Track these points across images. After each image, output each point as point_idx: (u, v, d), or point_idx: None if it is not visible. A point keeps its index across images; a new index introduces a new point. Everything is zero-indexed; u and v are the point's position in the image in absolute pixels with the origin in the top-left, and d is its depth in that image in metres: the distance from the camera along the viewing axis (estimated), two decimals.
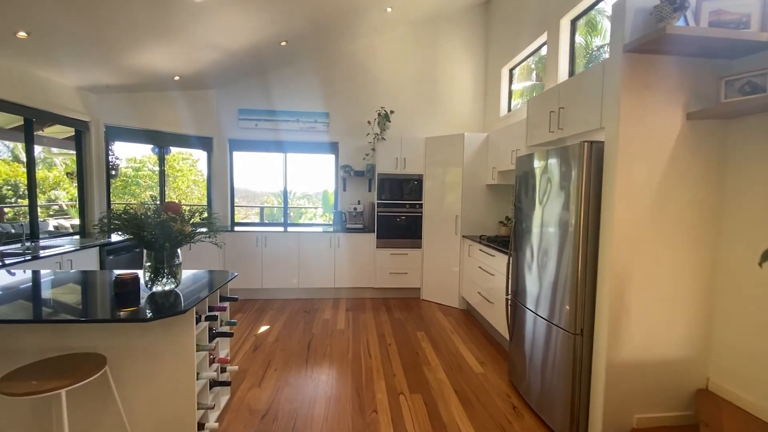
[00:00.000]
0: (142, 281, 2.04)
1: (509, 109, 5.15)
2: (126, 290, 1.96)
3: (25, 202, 4.06)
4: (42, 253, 3.05)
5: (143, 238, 1.84)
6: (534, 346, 2.56)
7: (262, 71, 5.32)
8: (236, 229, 5.22)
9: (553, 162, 2.38)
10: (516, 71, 5.10)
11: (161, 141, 4.98)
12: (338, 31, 4.95)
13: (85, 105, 4.23)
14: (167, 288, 2.00)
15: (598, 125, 2.17)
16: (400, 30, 5.49)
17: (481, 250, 4.08)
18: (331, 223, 5.68)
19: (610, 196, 2.05)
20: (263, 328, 4.06)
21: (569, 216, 2.20)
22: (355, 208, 5.34)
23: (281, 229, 5.33)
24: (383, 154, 5.07)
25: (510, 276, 2.98)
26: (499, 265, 3.56)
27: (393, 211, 5.11)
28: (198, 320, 1.96)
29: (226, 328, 2.48)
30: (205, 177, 5.59)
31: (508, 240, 3.98)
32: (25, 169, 3.77)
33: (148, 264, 1.92)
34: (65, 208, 8.82)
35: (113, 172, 4.83)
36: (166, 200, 5.17)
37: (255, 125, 5.44)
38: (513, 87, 5.18)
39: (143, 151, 9.99)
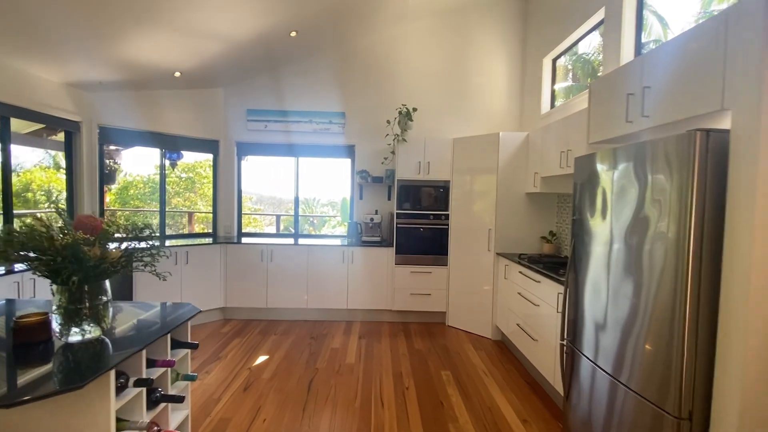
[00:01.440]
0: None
1: (552, 105, 4.41)
2: (31, 340, 1.40)
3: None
4: None
5: (48, 266, 1.29)
6: (606, 420, 1.83)
7: (273, 67, 4.84)
8: (243, 240, 4.71)
9: (637, 161, 1.68)
10: (559, 62, 4.37)
11: (162, 144, 4.56)
12: (355, 21, 4.41)
13: (76, 104, 3.85)
14: (90, 336, 1.43)
15: (719, 107, 1.45)
16: (424, 20, 4.88)
17: (522, 273, 3.35)
18: (346, 235, 5.08)
19: (743, 209, 1.33)
20: (261, 359, 3.48)
21: (669, 237, 1.49)
22: (371, 219, 4.73)
23: (291, 241, 4.78)
24: (404, 157, 4.44)
25: (566, 314, 2.25)
26: (547, 294, 2.83)
27: (414, 222, 4.46)
28: (123, 387, 1.38)
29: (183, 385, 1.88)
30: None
31: (554, 260, 3.26)
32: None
33: (56, 306, 1.35)
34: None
35: (112, 181, 4.44)
36: (166, 210, 4.75)
37: (264, 126, 4.96)
38: (555, 83, 4.45)
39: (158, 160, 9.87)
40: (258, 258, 4.47)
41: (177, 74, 4.15)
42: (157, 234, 3.88)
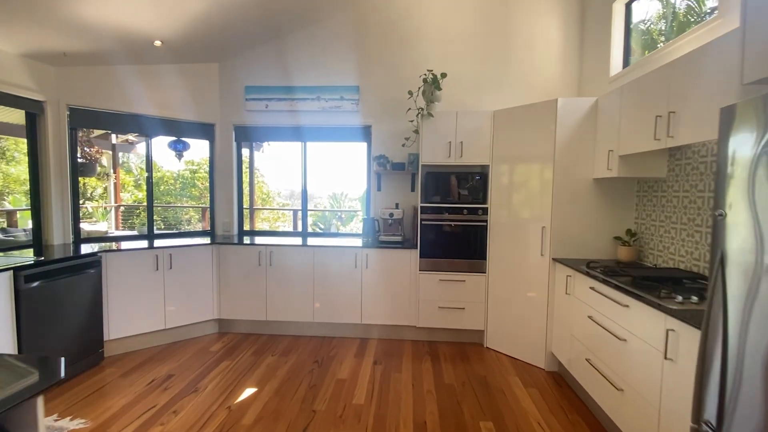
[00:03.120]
0: None
1: (626, 63, 3.36)
2: None
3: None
4: None
5: None
6: None
7: (274, 35, 4.07)
8: (245, 240, 4.01)
9: None
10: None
11: (145, 128, 3.92)
12: None
13: (38, 80, 3.25)
14: None
15: None
16: None
17: (595, 290, 2.39)
18: (362, 234, 4.25)
19: None
20: (247, 393, 2.74)
21: None
22: (390, 214, 3.88)
23: (298, 241, 4.02)
24: (430, 137, 3.54)
25: (706, 376, 1.31)
26: (643, 328, 1.88)
27: (444, 218, 3.57)
28: None
29: None
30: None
31: (645, 273, 2.10)
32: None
33: None
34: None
35: (91, 172, 3.86)
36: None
37: (265, 106, 4.21)
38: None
39: (203, 153, 9.58)
40: (255, 261, 3.75)
41: (157, 43, 3.47)
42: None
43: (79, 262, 2.96)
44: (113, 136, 6.52)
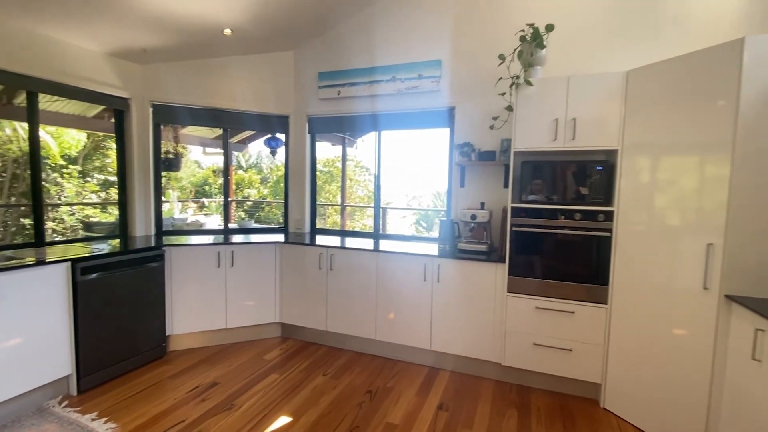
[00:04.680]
0: None
1: None
2: None
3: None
4: None
5: None
6: None
7: (349, 13, 3.62)
8: (317, 238, 3.70)
9: None
10: None
11: (223, 122, 3.88)
12: None
13: (123, 77, 3.39)
14: None
15: None
16: None
17: None
18: (438, 239, 3.51)
19: None
20: (279, 423, 2.32)
21: None
22: (472, 217, 3.07)
23: (368, 244, 3.51)
24: (527, 113, 2.63)
25: None
26: None
27: (544, 223, 2.63)
28: None
29: None
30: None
31: None
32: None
33: None
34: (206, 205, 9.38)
35: (175, 167, 3.99)
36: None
37: (338, 93, 3.81)
38: None
39: (334, 150, 10.16)
40: (316, 264, 3.36)
41: (227, 32, 3.32)
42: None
43: (141, 256, 2.94)
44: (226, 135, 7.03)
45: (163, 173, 3.79)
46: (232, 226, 6.23)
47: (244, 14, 3.12)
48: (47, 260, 2.40)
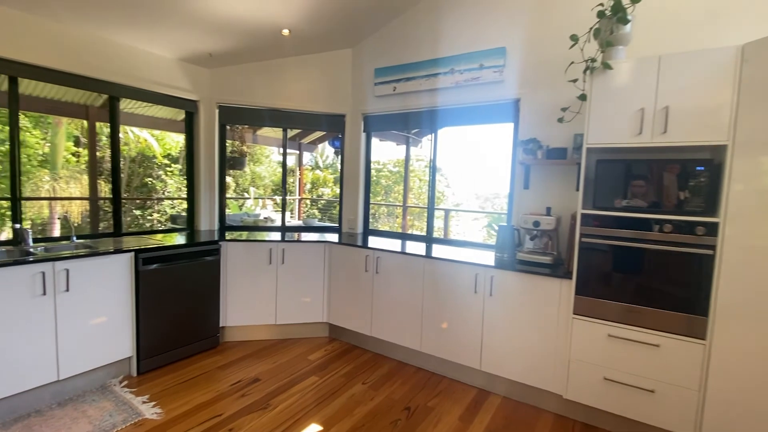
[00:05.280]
0: None
1: None
2: None
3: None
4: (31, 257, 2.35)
5: None
6: None
7: (408, 4, 3.44)
8: (371, 239, 3.62)
9: None
10: None
11: (283, 122, 3.95)
12: None
13: (192, 81, 3.62)
14: None
15: None
16: None
17: None
18: (495, 246, 3.14)
19: None
20: (310, 430, 2.24)
21: None
22: (535, 223, 2.69)
23: (422, 248, 3.31)
24: (605, 102, 2.20)
25: None
26: None
27: (622, 234, 2.18)
28: None
29: None
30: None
31: None
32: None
33: None
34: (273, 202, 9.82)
35: (240, 166, 4.18)
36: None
37: (393, 89, 3.65)
38: None
39: (390, 154, 10.27)
40: (362, 266, 3.25)
41: (285, 32, 3.36)
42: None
43: (198, 249, 3.09)
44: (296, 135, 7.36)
45: (230, 171, 3.98)
46: (296, 223, 6.43)
47: (301, 13, 3.11)
48: (113, 250, 2.61)
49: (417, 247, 3.25)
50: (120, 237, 3.21)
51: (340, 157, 4.81)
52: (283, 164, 4.11)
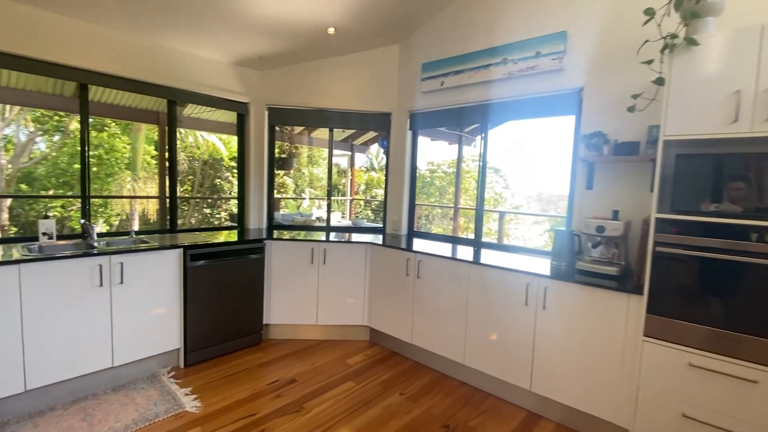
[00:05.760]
0: None
1: None
2: None
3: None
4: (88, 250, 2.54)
5: None
6: None
7: None
8: (415, 241, 3.50)
9: None
10: None
11: (329, 122, 3.94)
12: None
13: (244, 84, 3.72)
14: None
15: None
16: None
17: None
18: (550, 253, 2.80)
19: None
20: None
21: None
22: (599, 228, 2.35)
23: (469, 253, 3.11)
24: (687, 85, 1.84)
25: None
26: None
27: (708, 245, 1.80)
28: None
29: None
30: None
31: None
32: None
33: None
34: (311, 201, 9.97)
35: (288, 166, 4.24)
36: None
37: (441, 84, 3.47)
38: None
39: (445, 154, 10.14)
40: (402, 270, 3.11)
41: (330, 30, 3.33)
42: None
43: (244, 247, 3.15)
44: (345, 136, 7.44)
45: (289, 172, 4.05)
46: (346, 223, 6.45)
47: (347, 10, 3.05)
48: (163, 246, 2.73)
49: (463, 252, 3.03)
50: (175, 233, 3.39)
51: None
52: (329, 165, 4.09)
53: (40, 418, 2.17)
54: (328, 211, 4.09)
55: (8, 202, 7.99)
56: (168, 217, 3.42)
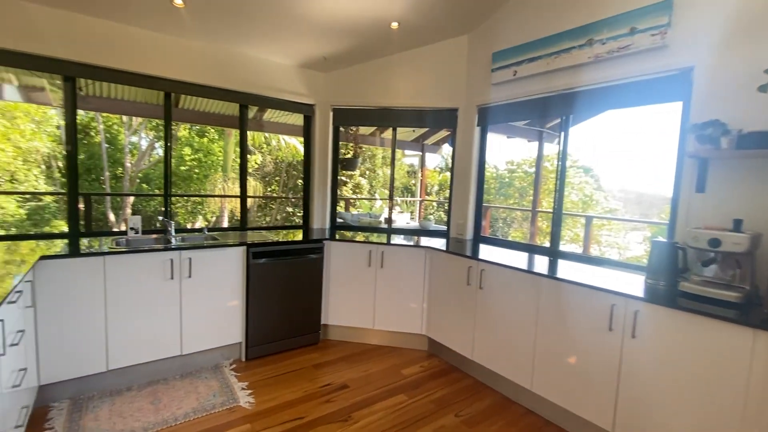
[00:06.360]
0: None
1: None
2: None
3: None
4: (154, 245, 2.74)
5: None
6: None
7: None
8: (482, 247, 3.24)
9: None
10: None
11: (394, 120, 3.82)
12: None
13: (309, 86, 3.77)
14: None
15: None
16: None
17: None
18: (645, 268, 2.28)
19: None
20: None
21: None
22: (713, 242, 1.86)
23: (542, 264, 2.76)
24: None
25: None
26: None
27: None
28: None
29: None
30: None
31: None
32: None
33: None
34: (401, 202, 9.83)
35: (353, 167, 4.22)
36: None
37: (513, 73, 3.12)
38: None
39: (523, 153, 9.64)
40: (463, 278, 2.85)
41: (394, 25, 3.21)
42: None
43: (303, 247, 3.18)
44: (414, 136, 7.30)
45: (351, 172, 4.06)
46: (414, 225, 6.30)
47: (412, 2, 2.90)
48: (228, 243, 2.86)
49: (535, 262, 2.68)
50: (245, 231, 3.55)
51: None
52: (392, 165, 3.97)
53: (118, 397, 2.39)
54: (390, 213, 3.97)
55: (131, 199, 9.41)
56: (240, 215, 3.61)
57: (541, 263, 2.66)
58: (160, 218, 3.10)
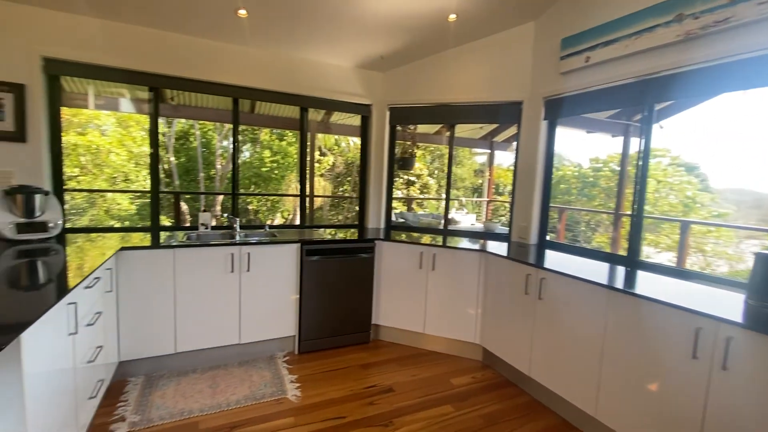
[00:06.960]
0: None
1: None
2: None
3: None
4: (219, 240, 2.91)
5: None
6: None
7: None
8: (547, 252, 2.99)
9: None
10: None
11: (452, 117, 3.67)
12: None
13: (366, 86, 3.78)
14: None
15: None
16: None
17: None
18: (747, 284, 1.85)
19: None
20: None
21: None
22: None
23: (619, 275, 2.45)
24: None
25: None
26: None
27: None
28: None
29: None
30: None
31: None
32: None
33: None
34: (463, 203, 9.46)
35: (409, 166, 4.16)
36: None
37: (586, 60, 2.80)
38: None
39: (609, 148, 8.89)
40: (521, 286, 2.62)
41: (452, 17, 3.08)
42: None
43: (355, 246, 3.20)
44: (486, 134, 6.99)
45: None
46: (478, 227, 6.03)
47: None
48: (283, 240, 2.98)
49: (608, 272, 2.36)
50: (304, 229, 3.69)
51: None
52: (449, 162, 3.82)
53: (183, 378, 2.62)
54: (446, 213, 3.82)
55: (221, 198, 10.45)
56: (300, 213, 3.77)
57: (616, 275, 2.33)
58: (227, 216, 3.35)
